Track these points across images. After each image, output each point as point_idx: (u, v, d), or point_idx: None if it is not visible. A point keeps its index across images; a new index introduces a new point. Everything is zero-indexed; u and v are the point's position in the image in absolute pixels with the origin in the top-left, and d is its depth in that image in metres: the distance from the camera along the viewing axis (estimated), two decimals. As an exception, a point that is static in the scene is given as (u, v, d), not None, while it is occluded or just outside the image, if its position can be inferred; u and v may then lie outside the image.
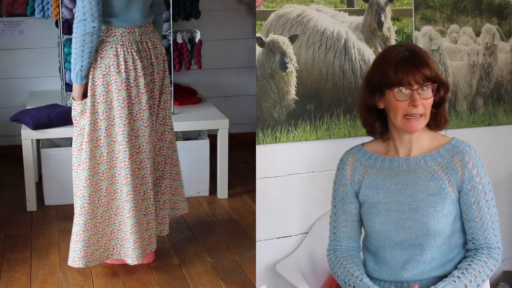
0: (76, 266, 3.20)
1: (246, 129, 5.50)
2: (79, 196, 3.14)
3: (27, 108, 4.36)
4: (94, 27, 2.91)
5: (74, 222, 3.17)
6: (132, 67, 3.08)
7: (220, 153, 4.29)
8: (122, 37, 3.07)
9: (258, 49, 2.76)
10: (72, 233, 3.19)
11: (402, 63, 2.20)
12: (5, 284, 3.28)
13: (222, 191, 4.38)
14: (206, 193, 4.40)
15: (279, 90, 2.81)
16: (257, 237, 2.88)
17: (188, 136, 4.53)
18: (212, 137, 4.40)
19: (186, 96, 4.67)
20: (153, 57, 3.19)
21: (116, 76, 3.06)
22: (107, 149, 3.12)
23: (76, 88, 3.08)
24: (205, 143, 4.36)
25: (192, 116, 4.32)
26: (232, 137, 4.54)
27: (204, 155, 4.34)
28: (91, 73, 3.06)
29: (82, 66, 3.01)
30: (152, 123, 3.26)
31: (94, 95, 3.08)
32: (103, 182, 3.15)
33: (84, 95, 3.09)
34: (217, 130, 4.27)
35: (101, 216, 3.20)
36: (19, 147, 4.12)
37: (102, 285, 3.29)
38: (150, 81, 3.20)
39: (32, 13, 4.51)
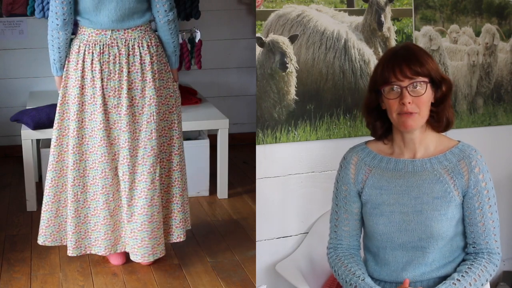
0: (38, 242, 3.41)
1: (246, 129, 5.50)
2: (46, 178, 3.35)
3: (27, 108, 4.36)
4: (57, 24, 3.10)
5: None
6: (89, 68, 3.17)
7: (220, 153, 4.29)
8: (89, 36, 3.17)
9: (258, 49, 2.76)
10: None
11: (390, 60, 2.21)
12: (5, 284, 3.28)
13: (222, 191, 4.38)
14: (206, 193, 4.40)
15: (279, 90, 2.81)
16: (257, 237, 2.88)
17: (188, 136, 4.53)
18: (212, 137, 4.40)
19: (186, 96, 4.67)
20: (128, 63, 3.17)
21: (73, 73, 3.21)
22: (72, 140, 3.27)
23: (55, 79, 3.29)
24: (205, 143, 4.36)
25: (192, 116, 4.32)
26: (232, 137, 4.54)
27: (204, 155, 4.34)
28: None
29: (54, 60, 3.21)
30: (132, 131, 3.22)
31: (64, 86, 3.25)
32: (67, 170, 3.30)
33: None
34: (217, 130, 4.27)
35: (64, 201, 3.37)
36: (19, 147, 4.13)
37: (102, 285, 3.29)
38: (118, 87, 3.17)
39: (32, 13, 4.50)
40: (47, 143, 4.37)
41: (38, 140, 4.36)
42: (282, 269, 2.82)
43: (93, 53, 3.15)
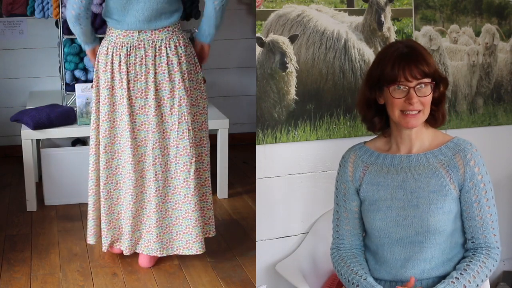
0: (89, 242, 3.49)
1: (246, 129, 5.50)
2: (88, 178, 3.39)
3: (27, 108, 4.36)
4: (71, 17, 3.14)
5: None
6: (118, 69, 3.19)
7: (220, 153, 4.29)
8: (116, 38, 3.18)
9: (258, 49, 2.76)
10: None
11: (399, 59, 2.21)
12: (5, 284, 3.28)
13: (222, 191, 4.38)
14: (206, 193, 4.40)
15: (279, 90, 2.81)
16: (257, 237, 2.88)
17: (188, 136, 4.52)
18: (212, 137, 4.38)
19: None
20: (154, 65, 3.17)
21: (102, 74, 3.22)
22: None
23: (87, 53, 3.35)
24: (205, 143, 4.35)
25: (192, 116, 4.32)
26: (232, 137, 4.54)
27: (204, 155, 4.34)
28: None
29: (78, 36, 3.26)
30: (161, 131, 3.24)
31: (96, 86, 3.29)
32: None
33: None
34: (217, 130, 4.27)
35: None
36: (19, 147, 4.13)
37: (102, 285, 3.29)
38: (144, 88, 3.19)
39: (32, 13, 4.51)
40: (47, 143, 4.38)
41: (38, 140, 4.36)
42: (282, 269, 2.82)
43: (120, 55, 3.17)
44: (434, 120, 2.31)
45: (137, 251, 3.43)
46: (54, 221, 4.03)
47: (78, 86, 4.02)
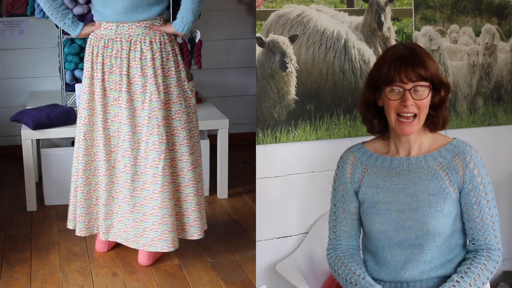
0: (68, 227, 3.56)
1: (246, 129, 5.50)
2: (72, 165, 3.48)
3: (27, 108, 4.36)
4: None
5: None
6: (95, 60, 3.27)
7: (220, 153, 4.29)
8: (98, 30, 3.27)
9: (258, 49, 2.76)
10: None
11: (396, 61, 2.21)
12: (5, 284, 3.28)
13: (222, 191, 4.38)
14: (206, 193, 4.40)
15: (279, 90, 2.81)
16: (257, 237, 2.88)
17: (188, 136, 4.52)
18: (212, 137, 4.40)
19: (186, 96, 4.67)
20: (128, 59, 3.22)
21: (86, 64, 3.31)
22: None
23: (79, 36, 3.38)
24: (205, 143, 4.35)
25: (192, 116, 4.32)
26: (232, 137, 4.54)
27: (204, 155, 4.33)
28: None
29: (62, 24, 3.29)
30: (133, 125, 3.26)
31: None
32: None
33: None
34: (217, 130, 4.27)
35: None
36: (19, 147, 4.13)
37: (102, 285, 3.29)
38: (119, 80, 3.24)
39: (32, 13, 4.50)
40: (47, 143, 4.38)
41: (38, 140, 4.36)
42: (282, 269, 2.82)
43: (98, 46, 3.26)
44: (433, 125, 2.29)
45: (110, 239, 3.47)
46: (54, 221, 4.03)
47: (78, 86, 4.02)
